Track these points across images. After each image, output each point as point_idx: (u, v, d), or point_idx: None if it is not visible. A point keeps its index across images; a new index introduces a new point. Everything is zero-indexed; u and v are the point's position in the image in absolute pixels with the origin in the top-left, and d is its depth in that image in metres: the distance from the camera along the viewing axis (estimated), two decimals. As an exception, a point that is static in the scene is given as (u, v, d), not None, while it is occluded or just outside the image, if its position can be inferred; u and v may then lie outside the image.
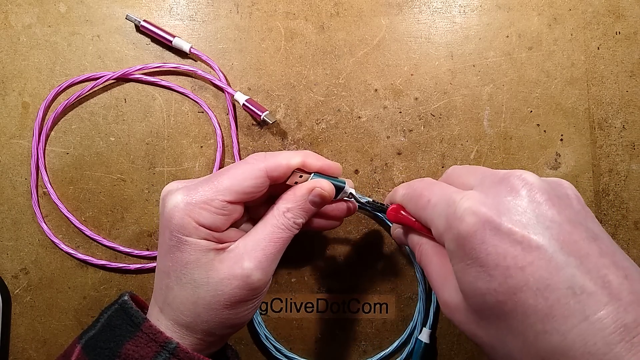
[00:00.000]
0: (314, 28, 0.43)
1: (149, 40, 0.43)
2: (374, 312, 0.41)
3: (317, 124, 0.42)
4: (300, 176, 0.32)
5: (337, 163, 0.33)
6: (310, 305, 0.41)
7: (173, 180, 0.42)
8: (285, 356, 0.40)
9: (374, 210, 0.39)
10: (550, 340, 0.21)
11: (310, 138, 0.42)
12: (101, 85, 0.42)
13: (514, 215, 0.23)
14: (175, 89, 0.42)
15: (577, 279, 0.21)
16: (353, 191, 0.34)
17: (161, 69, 0.42)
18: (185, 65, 0.42)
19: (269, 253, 0.30)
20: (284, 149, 0.42)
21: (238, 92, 0.41)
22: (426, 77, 0.42)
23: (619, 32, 0.42)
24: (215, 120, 0.41)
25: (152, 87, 0.42)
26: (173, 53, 0.43)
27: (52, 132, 0.42)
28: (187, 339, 0.30)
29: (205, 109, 0.42)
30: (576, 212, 0.24)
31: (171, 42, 0.41)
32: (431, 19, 0.42)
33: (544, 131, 0.41)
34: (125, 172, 0.42)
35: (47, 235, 0.41)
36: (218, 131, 0.41)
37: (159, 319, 0.30)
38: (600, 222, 0.40)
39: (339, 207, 0.35)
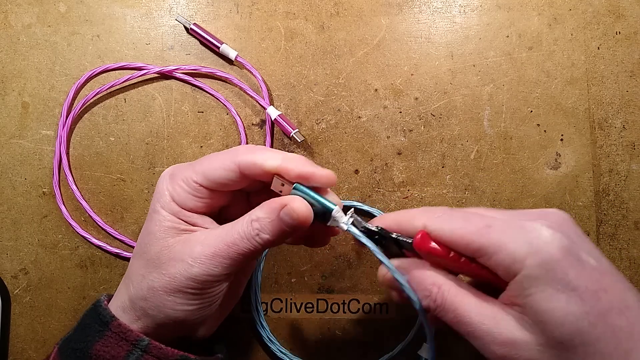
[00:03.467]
0: (314, 28, 0.43)
1: (149, 40, 0.43)
2: (374, 312, 0.41)
3: (317, 124, 0.42)
4: (282, 184, 0.28)
5: (329, 172, 0.28)
6: (310, 305, 0.41)
7: (173, 180, 0.42)
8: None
9: (387, 243, 0.29)
10: (636, 358, 0.22)
11: (310, 138, 0.42)
12: (140, 79, 0.41)
13: (579, 244, 0.25)
14: (209, 91, 0.42)
15: (616, 301, 0.23)
16: (344, 219, 0.28)
17: (197, 72, 0.42)
18: (220, 71, 0.42)
19: (218, 254, 0.28)
20: (284, 149, 0.42)
21: (271, 106, 0.41)
22: (426, 77, 0.42)
23: (619, 32, 0.42)
24: (242, 128, 0.41)
25: (152, 86, 0.42)
26: (172, 54, 0.43)
27: (51, 132, 0.42)
28: (147, 326, 0.29)
29: (234, 115, 0.41)
30: (590, 241, 0.27)
31: (219, 48, 0.41)
32: (431, 19, 0.42)
33: (544, 131, 0.41)
34: (125, 172, 0.42)
35: (74, 229, 0.41)
36: (243, 138, 0.41)
37: (125, 303, 0.30)
38: (600, 222, 0.40)
39: (321, 231, 0.31)
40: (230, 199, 0.32)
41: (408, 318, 0.40)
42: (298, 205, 0.27)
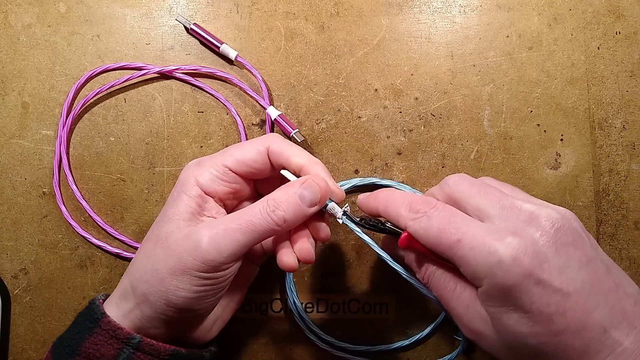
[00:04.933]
0: (314, 28, 0.43)
1: (149, 40, 0.43)
2: (374, 312, 0.41)
3: (317, 123, 0.42)
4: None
5: (341, 193, 0.32)
6: (310, 305, 0.41)
7: (173, 180, 0.42)
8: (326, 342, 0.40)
9: (376, 231, 0.33)
10: None
11: (310, 138, 0.42)
12: (140, 79, 0.41)
13: (551, 263, 0.24)
14: (209, 91, 0.42)
15: (606, 318, 0.24)
16: (338, 209, 0.31)
17: (197, 72, 0.42)
18: (220, 71, 0.42)
19: (231, 229, 0.28)
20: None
21: (271, 106, 0.41)
22: (426, 77, 0.42)
23: (619, 32, 0.42)
24: (242, 128, 0.41)
25: (152, 86, 0.42)
26: (172, 54, 0.43)
27: (51, 132, 0.42)
28: (143, 318, 0.29)
29: (234, 115, 0.41)
30: (591, 246, 0.26)
31: (219, 48, 0.41)
32: (431, 19, 0.42)
33: (544, 131, 0.41)
34: (125, 172, 0.42)
35: (74, 229, 0.41)
36: (243, 138, 0.41)
37: (126, 288, 0.30)
38: (600, 222, 0.40)
39: (315, 225, 0.32)
40: (247, 196, 0.34)
41: (408, 318, 0.40)
42: (318, 180, 0.30)
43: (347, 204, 0.32)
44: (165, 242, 0.29)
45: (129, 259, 0.41)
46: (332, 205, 0.31)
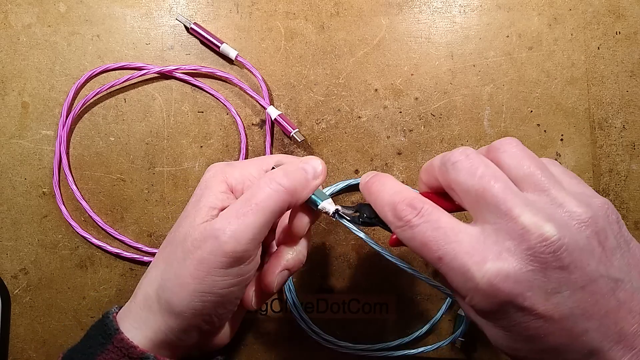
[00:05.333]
0: (314, 28, 0.43)
1: (149, 40, 0.43)
2: (374, 312, 0.41)
3: (317, 124, 0.42)
4: None
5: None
6: (310, 305, 0.41)
7: (172, 180, 0.42)
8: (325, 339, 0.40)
9: (370, 226, 0.32)
10: None
11: (310, 138, 0.42)
12: (140, 79, 0.41)
13: (537, 290, 0.22)
14: (209, 91, 0.42)
15: (596, 340, 0.22)
16: (330, 206, 0.30)
17: (197, 72, 0.42)
18: (220, 71, 0.42)
19: (243, 216, 0.27)
20: (285, 149, 0.42)
21: (271, 106, 0.41)
22: (426, 77, 0.42)
23: (619, 32, 0.42)
24: (242, 128, 0.41)
25: (152, 86, 0.42)
26: (172, 54, 0.43)
27: (51, 132, 0.42)
28: (161, 333, 0.28)
29: (234, 115, 0.41)
30: (599, 258, 0.23)
31: (219, 47, 0.41)
32: (431, 19, 0.42)
33: (544, 131, 0.41)
34: (125, 172, 0.42)
35: (74, 229, 0.41)
36: (243, 138, 0.41)
37: (150, 297, 0.29)
38: (601, 222, 0.40)
39: (300, 220, 0.31)
40: None
41: (408, 318, 0.40)
42: (320, 161, 0.30)
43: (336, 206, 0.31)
44: (184, 245, 0.28)
45: (129, 259, 0.41)
46: (322, 205, 0.30)
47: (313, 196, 0.30)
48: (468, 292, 0.23)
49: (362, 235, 0.31)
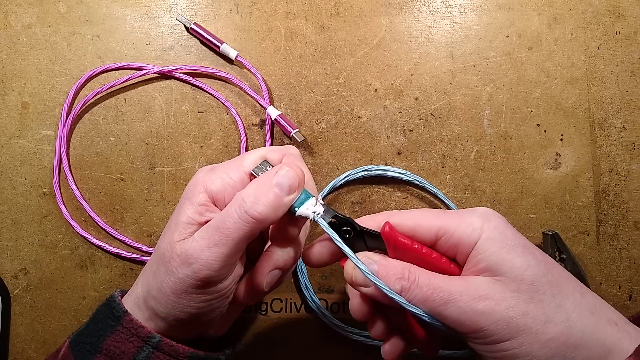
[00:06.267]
0: (314, 28, 0.43)
1: (149, 40, 0.43)
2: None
3: (317, 124, 0.42)
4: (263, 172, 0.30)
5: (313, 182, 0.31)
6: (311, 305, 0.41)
7: (173, 180, 0.42)
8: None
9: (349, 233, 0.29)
10: (581, 293, 0.26)
11: (311, 138, 0.42)
12: (140, 79, 0.41)
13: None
14: (209, 91, 0.42)
15: None
16: (307, 212, 0.28)
17: (197, 72, 0.42)
18: (220, 71, 0.42)
19: (213, 246, 0.27)
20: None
21: (271, 106, 0.41)
22: (426, 77, 0.42)
23: (619, 32, 0.42)
24: (242, 128, 0.42)
25: (152, 86, 0.42)
26: (172, 54, 0.43)
27: (51, 132, 0.42)
28: (155, 321, 0.29)
29: (234, 115, 0.41)
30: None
31: (219, 47, 0.41)
32: (431, 19, 0.42)
33: (544, 131, 0.41)
34: (125, 172, 0.42)
35: (74, 229, 0.41)
36: (243, 138, 0.41)
37: (139, 300, 0.30)
38: (600, 222, 0.40)
39: (283, 230, 0.30)
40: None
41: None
42: (295, 167, 0.28)
43: (319, 204, 0.29)
44: (164, 260, 0.28)
45: (129, 259, 0.41)
46: (300, 212, 0.28)
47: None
48: (482, 224, 0.27)
49: (339, 244, 0.28)
